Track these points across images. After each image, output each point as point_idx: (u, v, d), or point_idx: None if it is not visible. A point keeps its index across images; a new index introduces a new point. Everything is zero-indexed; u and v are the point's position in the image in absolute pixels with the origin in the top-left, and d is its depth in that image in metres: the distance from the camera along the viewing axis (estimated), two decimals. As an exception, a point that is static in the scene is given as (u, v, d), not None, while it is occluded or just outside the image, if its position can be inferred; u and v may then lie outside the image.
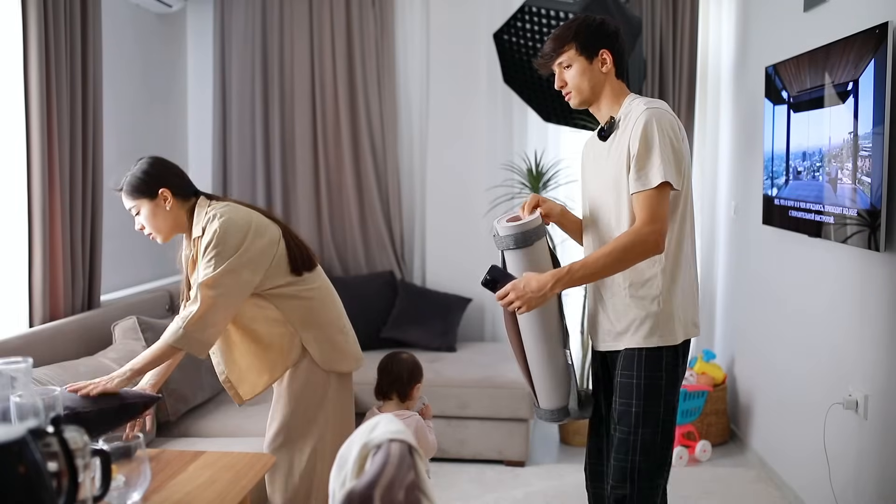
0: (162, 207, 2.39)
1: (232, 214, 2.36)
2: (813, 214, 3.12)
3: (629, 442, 2.14)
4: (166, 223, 2.41)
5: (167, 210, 2.39)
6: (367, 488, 1.05)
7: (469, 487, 3.69)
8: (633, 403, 2.15)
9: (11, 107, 2.97)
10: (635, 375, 2.15)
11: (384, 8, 4.76)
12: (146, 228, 2.42)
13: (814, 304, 3.27)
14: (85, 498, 1.38)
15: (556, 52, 2.18)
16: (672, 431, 2.19)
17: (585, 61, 2.17)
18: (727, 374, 4.37)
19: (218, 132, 4.86)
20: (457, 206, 4.87)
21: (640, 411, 2.14)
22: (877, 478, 2.77)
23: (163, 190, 2.38)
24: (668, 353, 2.15)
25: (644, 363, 2.14)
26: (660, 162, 2.04)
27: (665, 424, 2.15)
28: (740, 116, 4.31)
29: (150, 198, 2.38)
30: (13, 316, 3.01)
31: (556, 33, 2.20)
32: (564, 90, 2.21)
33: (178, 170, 2.49)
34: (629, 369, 2.16)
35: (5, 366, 1.52)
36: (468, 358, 4.27)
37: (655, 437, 2.14)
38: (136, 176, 2.39)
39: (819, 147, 3.08)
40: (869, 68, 2.67)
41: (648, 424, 2.14)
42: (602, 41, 2.17)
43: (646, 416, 2.14)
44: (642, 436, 2.14)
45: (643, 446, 2.14)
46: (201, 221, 2.38)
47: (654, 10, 4.57)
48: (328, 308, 2.53)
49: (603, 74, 2.18)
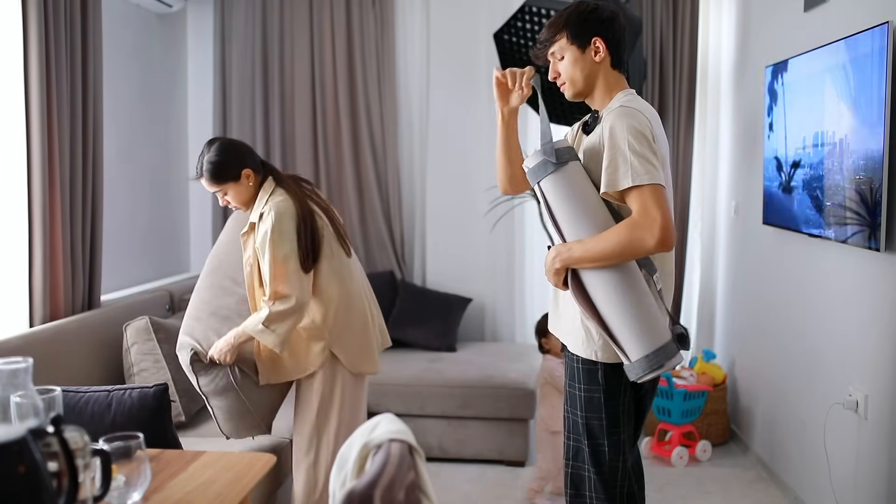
0: (245, 185, 2.67)
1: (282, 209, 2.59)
2: (813, 214, 3.12)
3: (582, 451, 2.10)
4: (250, 196, 2.69)
5: (250, 186, 2.68)
6: (368, 488, 1.05)
7: (469, 487, 3.69)
8: (577, 414, 2.10)
9: (11, 107, 2.96)
10: (576, 387, 2.10)
11: (384, 8, 4.76)
12: (231, 203, 2.70)
13: (814, 303, 3.27)
14: (85, 498, 1.38)
15: (548, 41, 2.09)
16: (620, 442, 2.08)
17: (577, 50, 2.06)
18: (727, 374, 4.37)
19: (218, 132, 4.86)
20: (457, 207, 4.87)
21: (583, 422, 2.09)
22: (877, 478, 2.76)
23: (245, 171, 2.65)
24: (606, 367, 2.05)
25: (583, 375, 2.08)
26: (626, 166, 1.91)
27: (611, 436, 2.07)
28: (740, 116, 4.31)
29: (234, 180, 2.64)
30: (13, 316, 3.01)
31: (550, 21, 2.11)
32: (558, 81, 2.12)
33: (248, 148, 2.75)
34: (571, 378, 2.12)
35: (5, 366, 1.52)
36: (468, 358, 4.27)
37: (602, 449, 2.08)
38: (216, 163, 2.62)
39: (819, 146, 3.07)
40: (869, 68, 2.67)
41: (593, 436, 2.08)
42: (594, 28, 2.05)
43: (588, 428, 2.08)
44: (589, 447, 2.09)
45: (591, 456, 2.09)
46: (260, 206, 2.64)
47: (654, 10, 4.57)
48: (352, 299, 2.72)
49: (596, 64, 2.06)
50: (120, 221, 3.96)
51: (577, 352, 2.09)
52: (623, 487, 2.11)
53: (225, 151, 2.65)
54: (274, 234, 2.55)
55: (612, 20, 2.08)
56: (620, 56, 2.10)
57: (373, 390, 3.92)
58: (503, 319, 4.90)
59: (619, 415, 2.08)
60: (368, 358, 2.73)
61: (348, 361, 2.67)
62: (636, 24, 4.09)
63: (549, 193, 2.01)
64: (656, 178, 1.91)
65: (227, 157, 2.64)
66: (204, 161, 2.65)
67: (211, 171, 2.64)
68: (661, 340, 1.92)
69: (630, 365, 1.96)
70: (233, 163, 2.65)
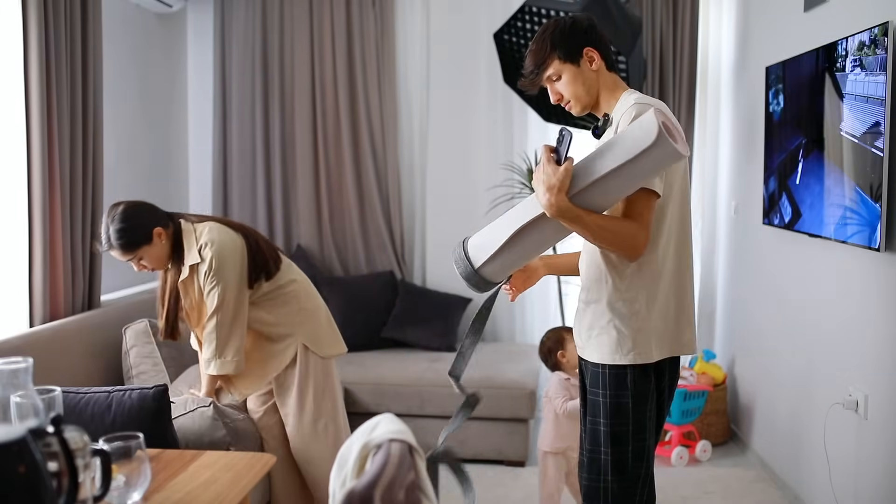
0: (159, 245, 2.59)
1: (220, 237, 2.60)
2: (813, 214, 3.12)
3: (600, 461, 2.07)
4: (166, 254, 2.64)
5: (164, 244, 2.61)
6: (368, 488, 1.05)
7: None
8: (600, 422, 2.07)
9: (11, 107, 2.97)
10: (600, 394, 2.07)
11: (384, 8, 4.76)
12: (148, 267, 2.64)
13: (814, 303, 3.27)
14: (85, 498, 1.38)
15: (539, 69, 2.06)
16: (644, 449, 2.07)
17: (573, 67, 2.04)
18: (727, 374, 4.37)
19: (218, 132, 4.86)
20: (457, 206, 4.87)
21: (608, 430, 2.05)
22: (877, 478, 2.77)
23: (156, 229, 2.58)
24: (636, 371, 2.03)
25: (609, 381, 2.05)
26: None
27: (636, 443, 2.05)
28: (740, 116, 4.31)
29: (147, 243, 2.57)
30: (13, 316, 3.01)
31: (532, 48, 2.07)
32: (562, 102, 2.10)
33: (151, 206, 2.66)
34: (595, 386, 2.09)
35: (5, 366, 1.52)
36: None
37: (626, 457, 2.05)
38: (123, 230, 2.52)
39: (819, 146, 3.08)
40: (869, 68, 2.67)
41: (618, 443, 2.05)
42: (581, 40, 2.03)
43: (614, 435, 2.05)
44: (612, 455, 2.05)
45: (614, 465, 2.05)
46: (194, 247, 2.59)
47: (654, 10, 4.57)
48: (312, 296, 2.82)
49: (594, 73, 2.05)
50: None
51: (606, 360, 2.04)
52: (643, 495, 2.10)
53: (130, 216, 2.54)
54: (217, 266, 2.58)
55: (593, 26, 2.08)
56: (611, 58, 2.10)
57: (373, 390, 3.93)
58: (503, 319, 4.90)
59: (646, 421, 2.06)
60: (336, 341, 2.88)
61: (318, 348, 2.79)
62: (636, 24, 4.09)
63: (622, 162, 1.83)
64: (660, 188, 1.93)
65: (135, 222, 2.54)
66: (111, 231, 2.52)
67: (121, 239, 2.51)
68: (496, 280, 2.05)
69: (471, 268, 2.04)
70: (142, 226, 2.55)
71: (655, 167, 1.82)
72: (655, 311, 2.03)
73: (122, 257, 2.57)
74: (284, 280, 2.76)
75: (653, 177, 1.88)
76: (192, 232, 2.61)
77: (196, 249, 2.58)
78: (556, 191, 1.86)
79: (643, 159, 1.77)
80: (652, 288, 2.03)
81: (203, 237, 2.59)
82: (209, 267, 2.56)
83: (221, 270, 2.57)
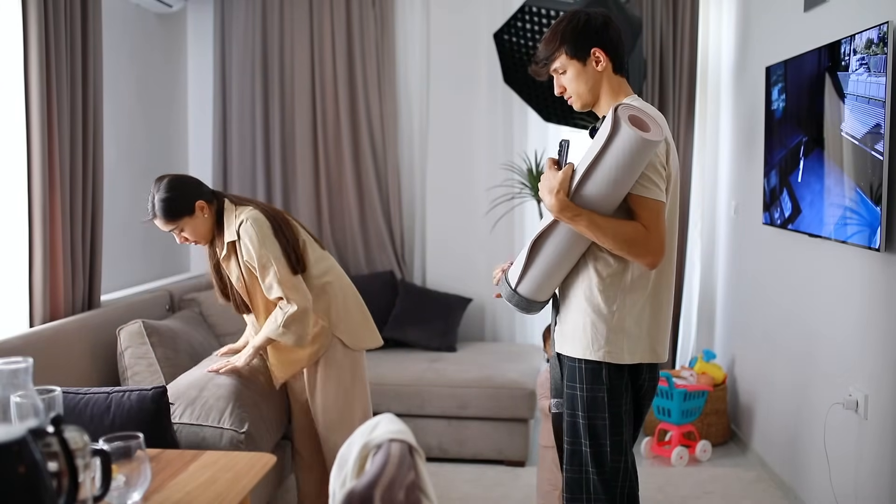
0: (201, 218, 2.68)
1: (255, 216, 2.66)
2: (813, 212, 3.12)
3: (581, 454, 2.11)
4: (208, 229, 2.72)
5: (206, 218, 2.68)
6: (368, 488, 1.05)
7: (469, 487, 3.69)
8: (579, 415, 2.11)
9: (11, 107, 2.96)
10: (578, 388, 2.11)
11: (384, 8, 4.76)
12: (190, 239, 2.71)
13: (814, 303, 3.27)
14: (85, 498, 1.38)
15: (548, 59, 2.09)
16: (621, 443, 2.10)
17: (578, 64, 2.06)
18: (727, 374, 4.37)
19: (218, 132, 4.86)
20: (457, 207, 4.87)
21: (586, 423, 2.10)
22: (877, 478, 2.77)
23: (199, 202, 2.66)
24: (610, 367, 2.08)
25: (586, 375, 2.09)
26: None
27: (613, 437, 2.09)
28: (740, 116, 4.31)
29: (189, 214, 2.65)
30: (13, 316, 3.01)
31: (545, 38, 2.10)
32: (565, 95, 2.13)
33: (197, 180, 2.76)
34: (572, 380, 2.13)
35: (5, 366, 1.52)
36: (468, 358, 4.27)
37: (605, 450, 2.09)
38: (167, 199, 2.63)
39: (819, 145, 3.08)
40: (869, 68, 2.66)
41: (596, 436, 2.09)
42: (591, 40, 2.04)
43: (591, 428, 2.09)
44: (591, 447, 2.09)
45: (594, 458, 2.09)
46: (233, 225, 2.66)
47: (654, 10, 4.57)
48: (346, 288, 2.86)
49: (599, 73, 2.07)
50: (120, 221, 3.95)
51: (579, 354, 2.10)
52: (624, 488, 2.13)
53: (175, 188, 2.66)
54: (259, 242, 2.62)
55: (607, 27, 2.07)
56: (621, 60, 2.10)
57: (373, 390, 3.92)
58: (503, 319, 4.90)
59: (622, 415, 2.10)
60: (371, 332, 2.91)
61: (351, 341, 2.82)
62: (636, 24, 4.09)
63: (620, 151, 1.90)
64: (661, 195, 1.99)
65: (179, 193, 2.65)
66: (156, 200, 2.64)
67: (164, 208, 2.64)
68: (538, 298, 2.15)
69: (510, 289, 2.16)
70: (185, 197, 2.66)
71: (630, 156, 1.89)
72: (631, 317, 2.08)
73: (164, 227, 2.68)
74: (317, 272, 2.79)
75: (636, 168, 1.93)
76: (232, 210, 2.69)
77: (234, 228, 2.66)
78: (556, 191, 1.97)
79: (612, 148, 1.88)
80: (631, 294, 2.08)
81: (241, 216, 2.66)
82: (250, 244, 2.62)
83: (263, 246, 2.62)
